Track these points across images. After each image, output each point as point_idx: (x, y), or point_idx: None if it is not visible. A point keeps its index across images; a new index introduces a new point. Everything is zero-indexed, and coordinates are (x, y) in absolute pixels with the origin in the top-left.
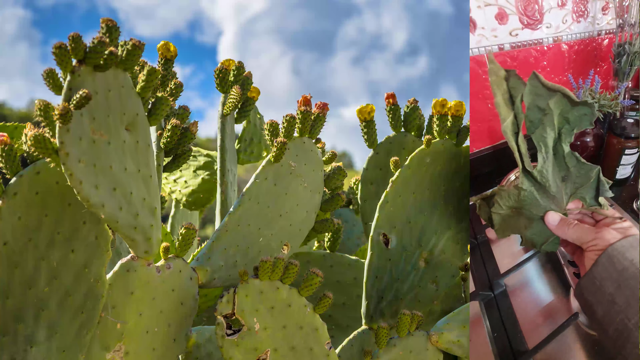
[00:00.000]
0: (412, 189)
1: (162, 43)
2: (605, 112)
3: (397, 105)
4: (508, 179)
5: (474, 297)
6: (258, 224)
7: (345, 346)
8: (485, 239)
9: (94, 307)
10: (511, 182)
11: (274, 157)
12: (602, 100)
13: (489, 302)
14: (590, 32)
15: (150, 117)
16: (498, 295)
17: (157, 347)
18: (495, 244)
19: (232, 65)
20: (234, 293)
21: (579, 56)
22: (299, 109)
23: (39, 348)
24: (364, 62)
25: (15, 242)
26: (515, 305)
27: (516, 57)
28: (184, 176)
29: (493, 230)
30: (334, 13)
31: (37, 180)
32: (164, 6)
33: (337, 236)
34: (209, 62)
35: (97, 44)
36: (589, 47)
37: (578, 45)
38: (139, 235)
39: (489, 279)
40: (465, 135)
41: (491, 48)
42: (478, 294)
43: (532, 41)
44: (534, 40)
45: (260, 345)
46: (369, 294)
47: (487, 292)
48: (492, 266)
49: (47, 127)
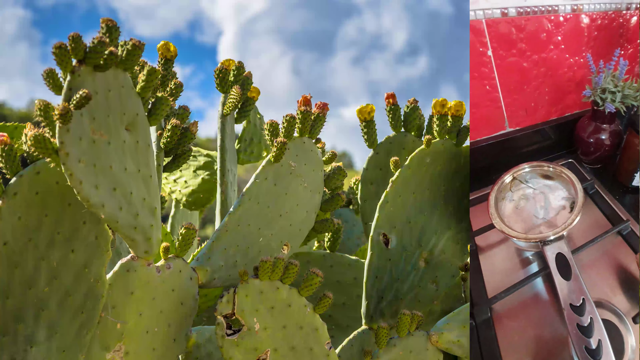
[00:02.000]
0: (412, 189)
1: (162, 43)
2: (629, 105)
3: (397, 105)
4: (502, 180)
5: None
6: (258, 224)
7: (345, 346)
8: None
9: (94, 307)
10: (506, 184)
11: (274, 157)
12: (626, 89)
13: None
14: (618, 4)
15: (150, 117)
16: (480, 325)
17: (157, 347)
18: (485, 253)
19: (232, 65)
20: (234, 293)
21: (601, 33)
22: (299, 109)
23: (39, 348)
24: (364, 62)
25: (15, 242)
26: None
27: (523, 28)
28: (184, 176)
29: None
30: (334, 13)
31: (37, 180)
32: (164, 6)
33: (337, 236)
34: (209, 62)
35: (97, 44)
36: (614, 22)
37: (601, 19)
38: (139, 235)
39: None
40: (465, 135)
41: (492, 12)
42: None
43: (545, 7)
44: (547, 6)
45: (260, 345)
46: (369, 294)
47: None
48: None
49: (47, 127)
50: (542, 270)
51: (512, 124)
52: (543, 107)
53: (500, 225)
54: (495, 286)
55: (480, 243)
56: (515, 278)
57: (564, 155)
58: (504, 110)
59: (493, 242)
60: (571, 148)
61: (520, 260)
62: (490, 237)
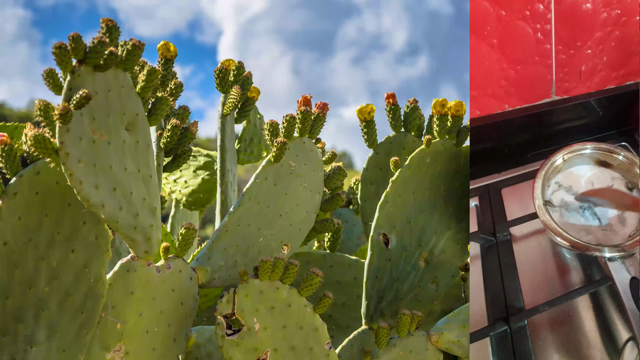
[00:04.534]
0: (412, 189)
1: (162, 43)
2: None
3: (397, 105)
4: (551, 162)
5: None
6: (258, 224)
7: (345, 346)
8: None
9: (94, 307)
10: (556, 167)
11: (274, 157)
12: None
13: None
14: None
15: (150, 117)
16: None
17: (157, 347)
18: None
19: (232, 65)
20: (234, 293)
21: None
22: (299, 109)
23: (39, 348)
24: (364, 62)
25: (15, 242)
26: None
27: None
28: (184, 176)
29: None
30: (334, 13)
31: (37, 180)
32: (164, 6)
33: (337, 236)
34: (209, 62)
35: (97, 44)
36: None
37: None
38: (139, 235)
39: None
40: (465, 135)
41: None
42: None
43: None
44: None
45: (260, 345)
46: (369, 294)
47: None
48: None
49: (47, 127)
50: (594, 284)
51: (559, 92)
52: (603, 70)
53: (551, 224)
54: (532, 287)
55: (514, 232)
56: (558, 281)
57: (614, 136)
58: (554, 70)
59: (528, 232)
60: (623, 127)
61: (560, 257)
62: (524, 225)
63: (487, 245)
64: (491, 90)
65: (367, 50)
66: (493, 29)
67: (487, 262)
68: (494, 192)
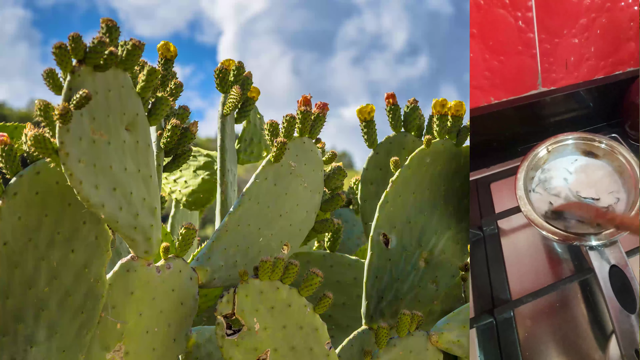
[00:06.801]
0: (412, 189)
1: (162, 43)
2: None
3: (397, 105)
4: (534, 154)
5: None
6: (258, 224)
7: (345, 346)
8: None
9: (94, 307)
10: (539, 158)
11: (274, 157)
12: None
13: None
14: None
15: (150, 117)
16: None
17: (157, 347)
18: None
19: (232, 65)
20: (234, 293)
21: None
22: (299, 109)
23: (39, 348)
24: (364, 62)
25: (15, 242)
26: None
27: None
28: (184, 176)
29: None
30: (334, 13)
31: (37, 180)
32: (164, 6)
33: (337, 236)
34: (209, 62)
35: (97, 44)
36: None
37: None
38: (139, 235)
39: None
40: (465, 135)
41: None
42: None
43: None
44: None
45: (260, 345)
46: (369, 294)
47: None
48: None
49: (47, 127)
50: (582, 273)
51: (546, 83)
52: (590, 60)
53: (531, 215)
54: (520, 279)
55: (502, 226)
56: (546, 272)
57: (604, 128)
58: (539, 60)
59: (517, 225)
60: (614, 119)
61: (550, 249)
62: (514, 219)
63: (474, 239)
64: (475, 82)
65: (367, 50)
66: (472, 18)
67: (475, 256)
68: (482, 186)
